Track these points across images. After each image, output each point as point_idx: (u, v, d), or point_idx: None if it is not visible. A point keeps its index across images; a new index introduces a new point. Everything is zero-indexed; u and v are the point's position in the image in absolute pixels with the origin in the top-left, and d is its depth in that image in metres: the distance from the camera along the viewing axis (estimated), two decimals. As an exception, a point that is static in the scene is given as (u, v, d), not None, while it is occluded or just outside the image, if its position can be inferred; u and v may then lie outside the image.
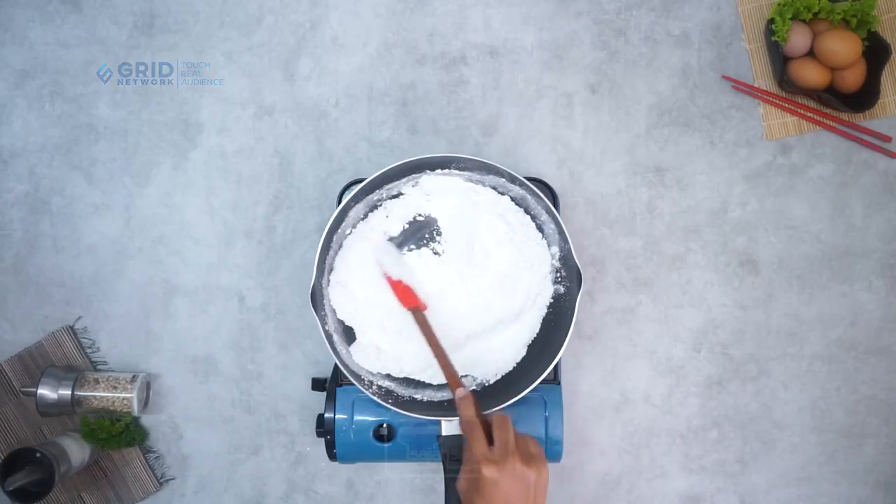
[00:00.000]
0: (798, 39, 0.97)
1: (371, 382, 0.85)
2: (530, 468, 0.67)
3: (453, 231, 0.90)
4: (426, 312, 0.85)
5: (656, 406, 1.01)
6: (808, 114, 1.02)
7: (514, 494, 0.66)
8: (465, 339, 0.88)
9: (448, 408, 0.85)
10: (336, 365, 0.86)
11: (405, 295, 0.85)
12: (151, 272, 1.03)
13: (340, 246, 0.89)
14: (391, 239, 0.90)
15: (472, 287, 0.89)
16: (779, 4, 0.97)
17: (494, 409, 0.83)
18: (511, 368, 0.88)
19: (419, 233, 0.90)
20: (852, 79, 0.98)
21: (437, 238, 0.90)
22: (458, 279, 0.89)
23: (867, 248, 1.01)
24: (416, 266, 0.89)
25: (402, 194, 0.90)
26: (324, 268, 0.87)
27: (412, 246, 0.90)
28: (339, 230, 0.88)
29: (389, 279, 0.87)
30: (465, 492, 0.68)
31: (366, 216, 0.90)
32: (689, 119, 1.03)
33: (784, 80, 0.99)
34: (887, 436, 1.01)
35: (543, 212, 0.88)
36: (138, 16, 1.05)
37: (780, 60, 0.98)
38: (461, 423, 0.73)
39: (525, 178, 0.87)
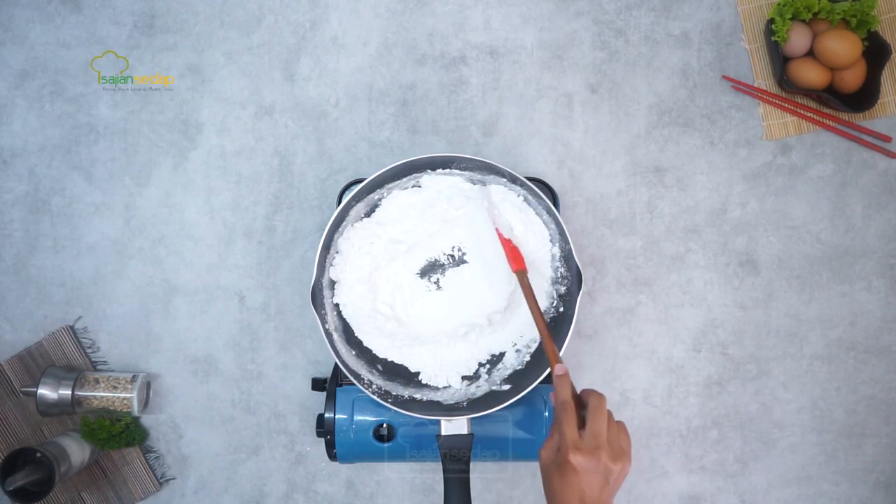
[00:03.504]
0: (798, 39, 0.97)
1: (371, 382, 0.85)
2: (615, 464, 0.65)
3: (474, 243, 0.91)
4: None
5: (656, 406, 1.01)
6: (808, 114, 1.02)
7: (593, 485, 0.65)
8: (466, 332, 0.88)
9: (448, 408, 0.85)
10: (336, 365, 0.86)
11: (515, 255, 0.83)
12: (151, 272, 1.03)
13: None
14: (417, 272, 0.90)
15: (473, 284, 0.89)
16: (779, 4, 0.97)
17: (495, 409, 0.83)
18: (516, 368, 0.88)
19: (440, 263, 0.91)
20: (852, 79, 0.98)
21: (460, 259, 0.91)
22: (461, 275, 0.90)
23: (867, 248, 1.01)
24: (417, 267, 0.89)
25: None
26: (324, 267, 0.87)
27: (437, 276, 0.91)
28: (340, 229, 0.88)
29: (501, 235, 0.85)
30: (547, 465, 0.67)
31: (368, 215, 0.90)
32: (689, 119, 1.03)
33: (784, 80, 0.99)
34: (887, 436, 1.01)
35: (544, 212, 0.88)
36: (138, 16, 1.05)
37: (780, 60, 0.99)
38: (555, 402, 0.70)
39: (525, 177, 0.87)
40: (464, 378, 0.88)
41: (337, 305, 0.89)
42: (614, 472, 0.65)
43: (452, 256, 0.91)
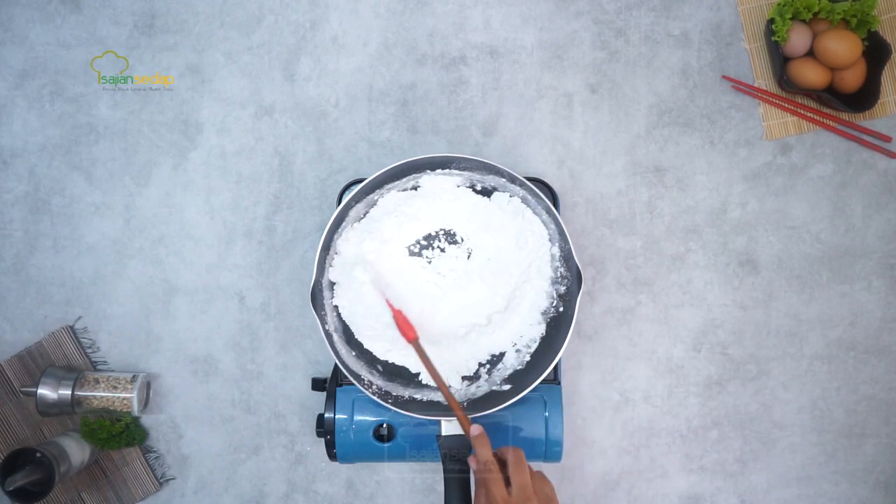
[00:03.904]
0: (798, 39, 0.97)
1: (371, 382, 0.85)
2: None
3: (470, 236, 0.91)
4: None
5: (656, 406, 1.01)
6: (808, 114, 1.02)
7: None
8: (466, 332, 0.88)
9: (448, 408, 0.85)
10: (336, 365, 0.86)
11: (405, 326, 0.83)
12: (151, 272, 1.03)
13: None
14: (409, 249, 0.90)
15: (474, 283, 0.89)
16: (779, 4, 0.97)
17: (495, 409, 0.83)
18: (519, 367, 0.88)
19: (434, 242, 0.90)
20: (852, 79, 0.98)
21: (454, 243, 0.90)
22: (461, 275, 0.89)
23: (867, 248, 1.01)
24: (415, 268, 0.89)
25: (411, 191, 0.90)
26: (324, 267, 0.87)
27: (429, 256, 0.90)
28: (340, 229, 0.88)
29: (391, 306, 0.84)
30: None
31: (366, 215, 0.90)
32: (689, 119, 1.03)
33: (784, 80, 0.99)
34: (887, 436, 1.01)
35: (544, 212, 0.88)
36: (138, 16, 1.05)
37: (780, 60, 0.98)
38: (477, 463, 0.72)
39: (525, 177, 0.87)
40: (464, 378, 0.88)
41: (337, 307, 0.89)
42: None
43: (454, 258, 0.91)
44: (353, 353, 0.87)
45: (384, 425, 0.87)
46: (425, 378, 0.88)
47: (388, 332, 0.87)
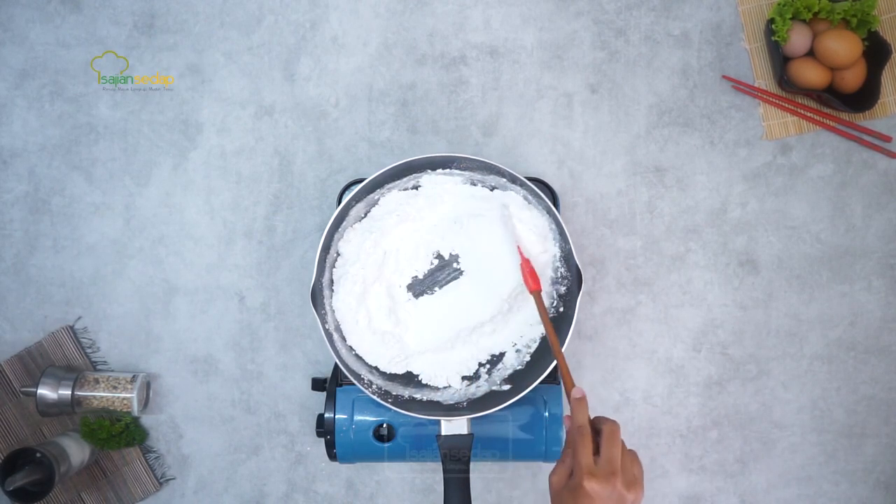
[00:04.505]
0: (798, 39, 0.97)
1: (371, 382, 0.85)
2: (629, 492, 0.65)
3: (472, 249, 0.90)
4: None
5: (656, 406, 1.01)
6: (808, 114, 1.02)
7: None
8: (470, 332, 0.88)
9: (448, 408, 0.85)
10: (336, 365, 0.86)
11: (533, 275, 0.82)
12: (151, 272, 1.03)
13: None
14: (413, 280, 0.89)
15: (476, 284, 0.90)
16: (779, 4, 0.97)
17: (495, 409, 0.83)
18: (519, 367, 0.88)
19: (444, 271, 0.90)
20: (852, 79, 0.98)
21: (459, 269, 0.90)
22: (463, 276, 0.90)
23: (867, 248, 1.01)
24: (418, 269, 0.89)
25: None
26: (324, 267, 0.87)
27: (436, 288, 0.90)
28: (340, 229, 0.88)
29: (522, 255, 0.84)
30: (558, 490, 0.67)
31: (366, 215, 0.90)
32: (689, 119, 1.03)
33: (784, 80, 0.99)
34: (887, 436, 1.01)
35: (544, 212, 0.88)
36: (138, 16, 1.05)
37: (780, 60, 0.98)
38: (571, 425, 0.70)
39: (525, 177, 0.87)
40: (464, 378, 0.88)
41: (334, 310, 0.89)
42: (628, 500, 0.65)
43: (450, 266, 0.90)
44: (354, 353, 0.87)
45: (384, 425, 0.87)
46: (425, 378, 0.88)
47: (387, 352, 0.87)
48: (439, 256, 0.90)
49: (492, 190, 0.90)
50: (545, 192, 0.87)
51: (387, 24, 1.04)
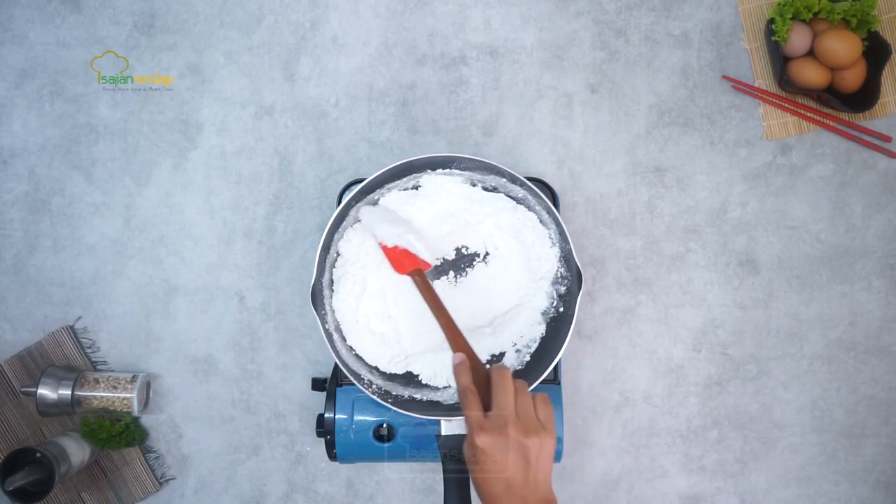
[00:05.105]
0: (798, 39, 0.97)
1: (371, 382, 0.85)
2: (528, 437, 0.60)
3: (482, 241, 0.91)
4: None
5: (656, 406, 1.01)
6: (808, 114, 1.02)
7: (509, 466, 0.59)
8: (470, 332, 0.88)
9: (448, 408, 0.85)
10: (336, 365, 0.86)
11: (401, 259, 0.81)
12: (151, 272, 1.03)
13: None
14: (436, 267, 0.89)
15: (477, 284, 0.89)
16: (779, 4, 0.97)
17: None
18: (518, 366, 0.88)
19: (460, 262, 0.90)
20: (852, 79, 0.98)
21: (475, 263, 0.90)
22: (466, 278, 0.90)
23: (867, 248, 1.01)
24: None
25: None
26: (324, 267, 0.87)
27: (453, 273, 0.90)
28: (340, 229, 0.88)
29: (384, 247, 0.83)
30: (468, 461, 0.63)
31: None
32: (689, 119, 1.03)
33: (784, 80, 0.99)
34: (887, 436, 1.01)
35: (544, 212, 0.88)
36: (138, 16, 1.05)
37: (780, 60, 0.98)
38: (457, 390, 0.67)
39: (525, 177, 0.87)
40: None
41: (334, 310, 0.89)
42: (530, 447, 0.60)
43: (452, 266, 0.91)
44: (354, 353, 0.87)
45: (384, 425, 0.87)
46: (425, 378, 0.88)
47: (388, 353, 0.87)
48: (441, 258, 0.90)
49: (493, 190, 0.90)
50: (545, 192, 0.87)
51: (387, 24, 1.04)
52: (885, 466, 1.01)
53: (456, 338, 0.74)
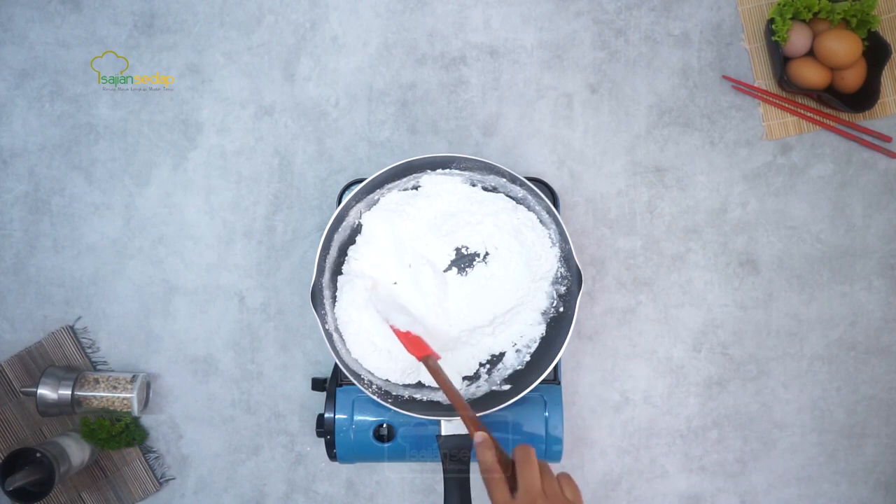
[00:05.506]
0: (798, 39, 0.97)
1: (371, 382, 0.85)
2: None
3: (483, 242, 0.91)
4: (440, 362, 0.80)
5: (656, 406, 1.01)
6: (808, 114, 1.02)
7: None
8: (470, 332, 0.88)
9: (448, 408, 0.85)
10: (336, 365, 0.86)
11: (415, 345, 0.81)
12: (151, 272, 1.03)
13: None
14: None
15: (477, 284, 0.90)
16: (779, 4, 0.97)
17: (495, 409, 0.83)
18: (519, 366, 0.88)
19: (463, 261, 0.90)
20: (852, 79, 0.98)
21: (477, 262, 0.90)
22: (464, 277, 0.90)
23: (867, 248, 1.01)
24: (423, 271, 0.89)
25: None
26: (324, 267, 0.87)
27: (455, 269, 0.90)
28: (340, 229, 0.88)
29: (396, 331, 0.84)
30: None
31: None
32: (689, 119, 1.03)
33: (784, 80, 0.98)
34: (887, 436, 1.01)
35: (544, 212, 0.88)
36: (138, 16, 1.05)
37: (780, 60, 0.98)
38: (480, 470, 0.66)
39: (525, 177, 0.87)
40: (464, 378, 0.88)
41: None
42: None
43: (457, 264, 0.91)
44: (353, 353, 0.87)
45: (384, 425, 0.87)
46: (425, 379, 0.88)
47: (390, 366, 0.87)
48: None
49: (493, 190, 0.90)
50: (545, 193, 0.87)
51: (387, 24, 1.04)
52: (885, 466, 1.01)
53: (471, 419, 0.72)
